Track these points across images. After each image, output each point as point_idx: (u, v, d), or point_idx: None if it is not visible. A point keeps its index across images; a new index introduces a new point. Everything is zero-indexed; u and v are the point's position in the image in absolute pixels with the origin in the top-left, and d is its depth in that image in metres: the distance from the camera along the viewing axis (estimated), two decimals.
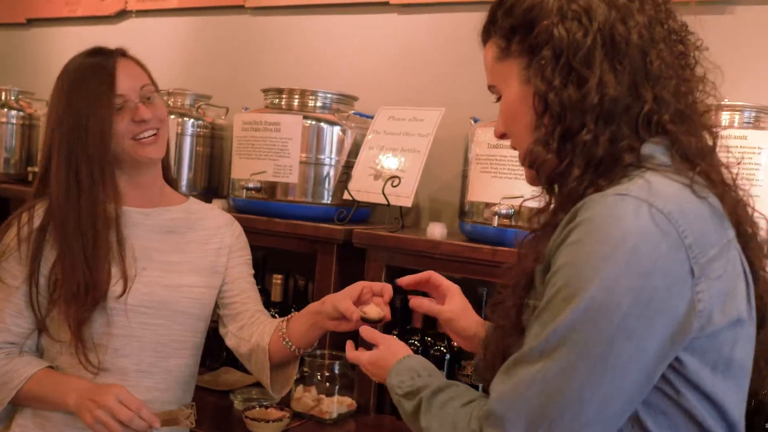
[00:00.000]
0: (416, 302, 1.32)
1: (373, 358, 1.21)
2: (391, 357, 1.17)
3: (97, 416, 1.35)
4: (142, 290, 1.48)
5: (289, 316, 1.54)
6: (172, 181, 1.66)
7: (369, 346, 1.25)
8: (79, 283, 1.41)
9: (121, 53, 1.52)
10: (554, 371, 0.86)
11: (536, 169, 0.98)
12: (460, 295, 1.32)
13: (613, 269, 0.83)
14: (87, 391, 1.41)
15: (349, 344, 1.28)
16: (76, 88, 1.46)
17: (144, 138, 1.48)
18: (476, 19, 2.39)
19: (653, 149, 0.94)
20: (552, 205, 1.00)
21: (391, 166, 1.94)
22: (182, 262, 1.55)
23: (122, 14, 2.97)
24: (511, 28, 0.99)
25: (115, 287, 1.44)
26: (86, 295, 1.41)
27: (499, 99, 1.05)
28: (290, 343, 1.49)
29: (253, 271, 1.68)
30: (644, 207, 0.85)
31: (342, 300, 1.38)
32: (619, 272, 0.83)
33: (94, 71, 1.47)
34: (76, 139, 1.44)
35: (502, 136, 1.08)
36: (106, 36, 3.05)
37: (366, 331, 1.26)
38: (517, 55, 0.99)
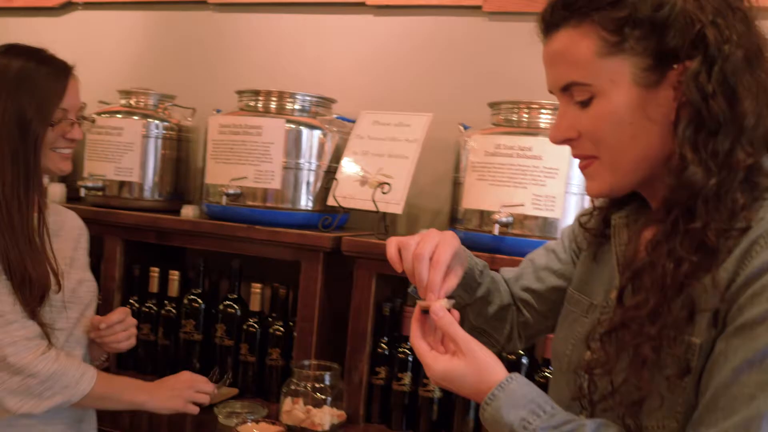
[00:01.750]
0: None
1: (451, 374, 0.95)
2: (480, 377, 0.94)
3: (189, 396, 1.64)
4: (69, 286, 1.59)
5: None
6: None
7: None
8: (23, 275, 1.47)
9: (71, 70, 1.58)
10: None
11: (687, 193, 0.84)
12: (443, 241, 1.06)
13: None
14: (158, 385, 1.66)
15: (416, 329, 1.01)
16: (26, 90, 1.50)
17: (64, 152, 1.57)
18: (453, 23, 2.36)
19: None
20: (709, 232, 0.84)
21: (378, 172, 1.91)
22: (76, 258, 1.66)
23: (67, 6, 2.80)
24: (633, 20, 0.86)
25: (55, 286, 1.53)
26: (32, 289, 1.48)
27: (585, 101, 0.90)
28: None
29: None
30: None
31: None
32: None
33: (49, 81, 1.52)
34: (20, 140, 1.47)
35: (565, 141, 0.94)
36: (49, 30, 2.87)
37: (443, 321, 0.97)
38: (634, 54, 0.86)
